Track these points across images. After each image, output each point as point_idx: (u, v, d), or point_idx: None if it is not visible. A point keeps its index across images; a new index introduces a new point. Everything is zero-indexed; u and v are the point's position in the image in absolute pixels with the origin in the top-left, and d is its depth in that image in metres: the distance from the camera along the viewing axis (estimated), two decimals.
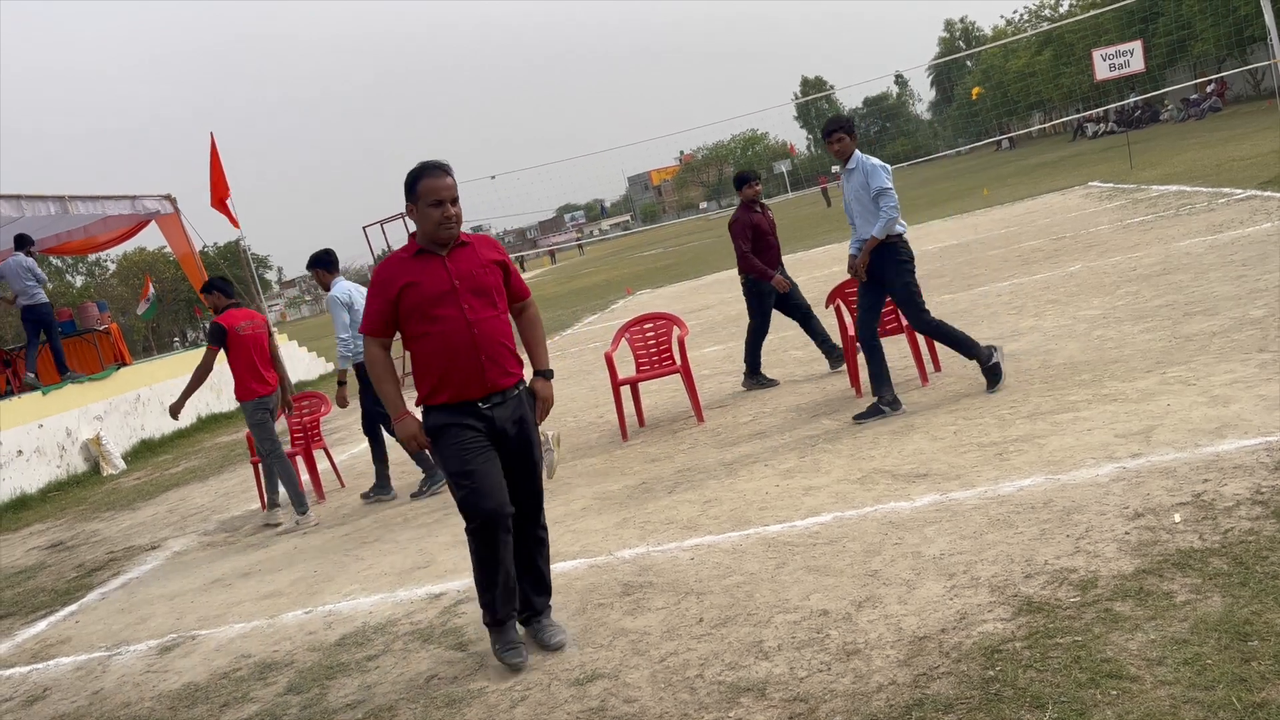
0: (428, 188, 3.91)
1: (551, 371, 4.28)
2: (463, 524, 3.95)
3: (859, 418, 6.51)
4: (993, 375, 6.47)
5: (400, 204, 4.14)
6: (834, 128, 6.52)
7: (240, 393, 7.63)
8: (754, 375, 8.61)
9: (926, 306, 6.54)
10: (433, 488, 7.57)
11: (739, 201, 8.74)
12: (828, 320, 10.90)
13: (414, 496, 7.63)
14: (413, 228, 4.09)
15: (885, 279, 6.49)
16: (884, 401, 6.49)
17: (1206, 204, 13.07)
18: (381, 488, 7.83)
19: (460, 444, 3.94)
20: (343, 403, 8.01)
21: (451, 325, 3.91)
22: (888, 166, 6.50)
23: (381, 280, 3.99)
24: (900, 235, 6.47)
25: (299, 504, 7.69)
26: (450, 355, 3.92)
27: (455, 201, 3.97)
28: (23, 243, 13.60)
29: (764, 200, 8.75)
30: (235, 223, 16.81)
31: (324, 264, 7.92)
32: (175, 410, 7.63)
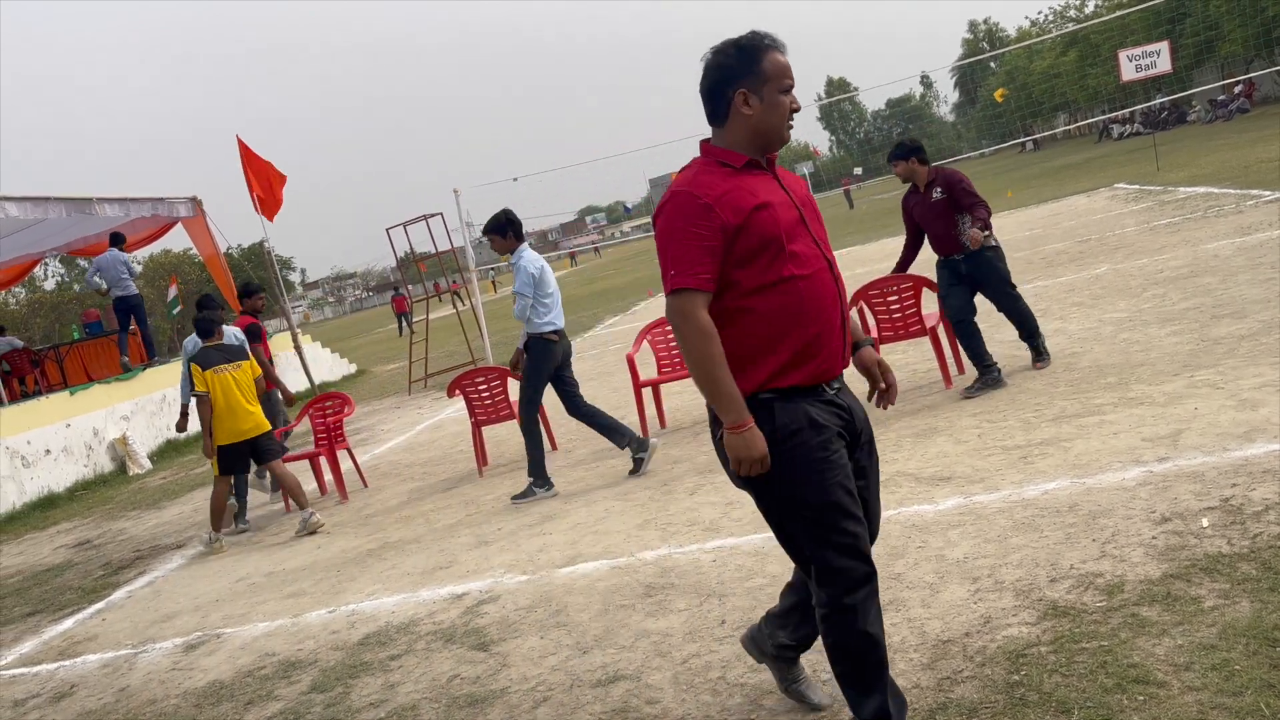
0: (778, 66, 2.68)
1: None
2: (489, 524, 3.85)
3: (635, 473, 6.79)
4: (636, 466, 6.80)
5: (421, 206, 3.86)
6: (491, 229, 6.83)
7: None
8: (982, 371, 6.71)
9: (537, 414, 6.88)
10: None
11: None
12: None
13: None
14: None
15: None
16: (632, 448, 6.83)
17: (1235, 206, 12.93)
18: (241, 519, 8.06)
19: (831, 459, 2.66)
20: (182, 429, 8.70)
21: (815, 266, 2.69)
22: (535, 271, 6.69)
23: (707, 205, 2.60)
24: (542, 334, 6.74)
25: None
26: (815, 313, 2.67)
27: None
28: (117, 239, 14.98)
29: (933, 165, 7.08)
30: (272, 213, 17.04)
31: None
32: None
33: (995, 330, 8.69)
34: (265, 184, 17.03)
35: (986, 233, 6.73)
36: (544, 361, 6.79)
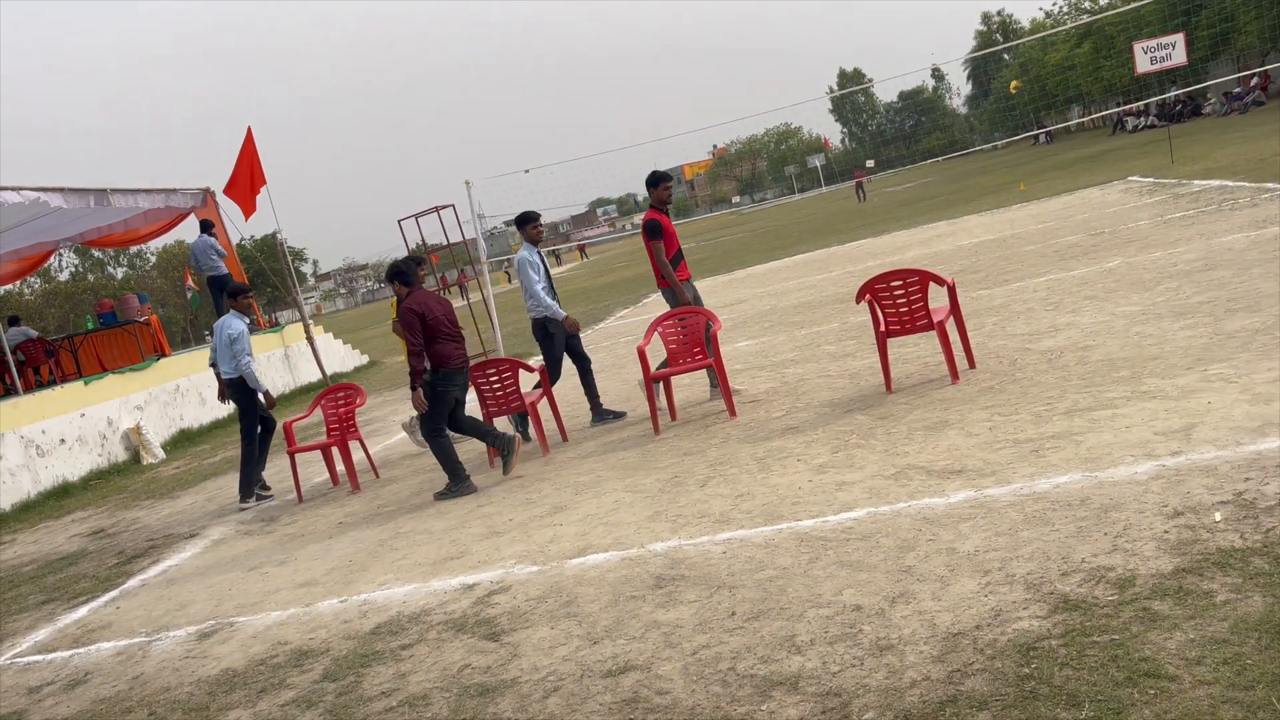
0: None
1: None
2: (500, 515, 3.82)
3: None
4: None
5: (433, 197, 3.78)
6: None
7: None
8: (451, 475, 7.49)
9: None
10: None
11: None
12: (860, 316, 10.83)
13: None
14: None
15: None
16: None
17: (1249, 199, 12.85)
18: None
19: None
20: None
21: None
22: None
23: None
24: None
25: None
26: None
27: None
28: (206, 226, 16.91)
29: (415, 290, 7.62)
30: (248, 213, 17.32)
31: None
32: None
33: (1006, 323, 8.66)
34: (247, 182, 17.23)
35: (424, 378, 7.29)
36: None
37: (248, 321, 9.04)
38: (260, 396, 8.82)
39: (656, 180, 8.54)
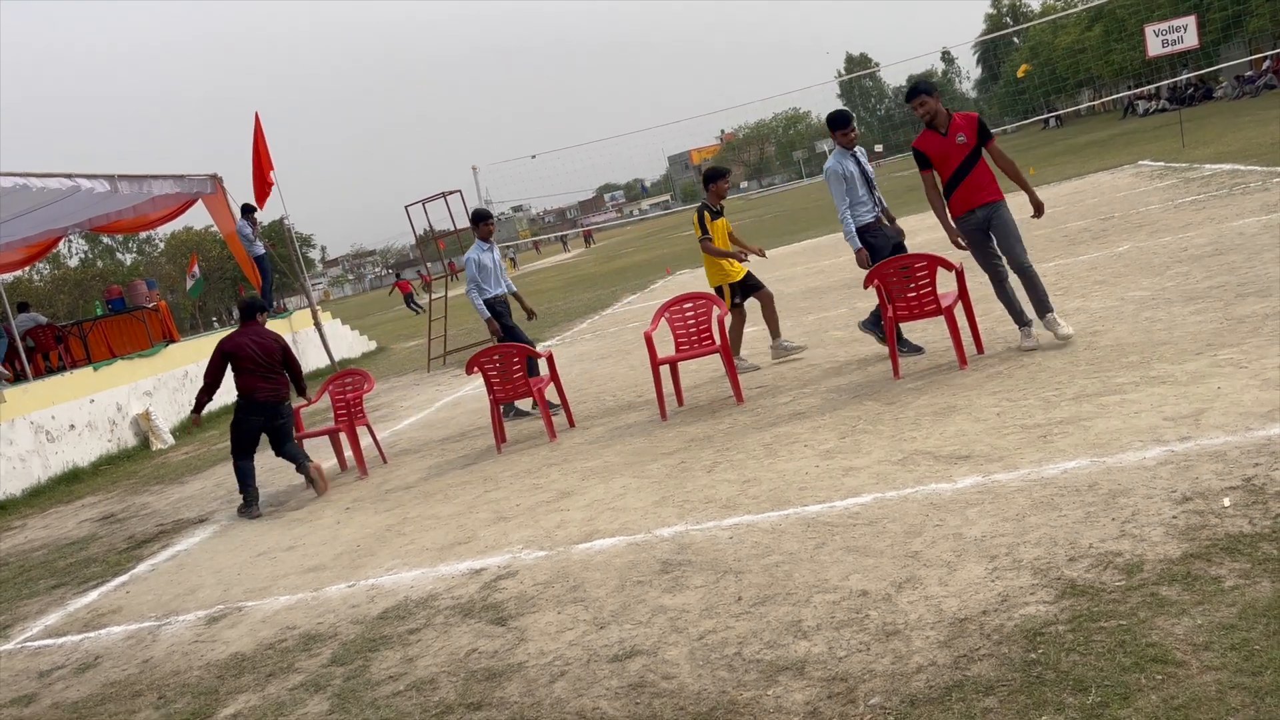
0: None
1: None
2: (507, 500, 3.76)
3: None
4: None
5: (441, 183, 3.84)
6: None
7: None
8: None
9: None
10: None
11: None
12: (869, 301, 10.79)
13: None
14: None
15: None
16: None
17: (1261, 183, 12.76)
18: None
19: None
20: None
21: None
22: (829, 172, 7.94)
23: None
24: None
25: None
26: None
27: None
28: (246, 210, 17.59)
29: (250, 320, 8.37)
30: (262, 201, 17.48)
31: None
32: None
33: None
34: (259, 170, 17.32)
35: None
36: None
37: (487, 248, 9.33)
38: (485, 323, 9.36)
39: (910, 96, 7.16)
